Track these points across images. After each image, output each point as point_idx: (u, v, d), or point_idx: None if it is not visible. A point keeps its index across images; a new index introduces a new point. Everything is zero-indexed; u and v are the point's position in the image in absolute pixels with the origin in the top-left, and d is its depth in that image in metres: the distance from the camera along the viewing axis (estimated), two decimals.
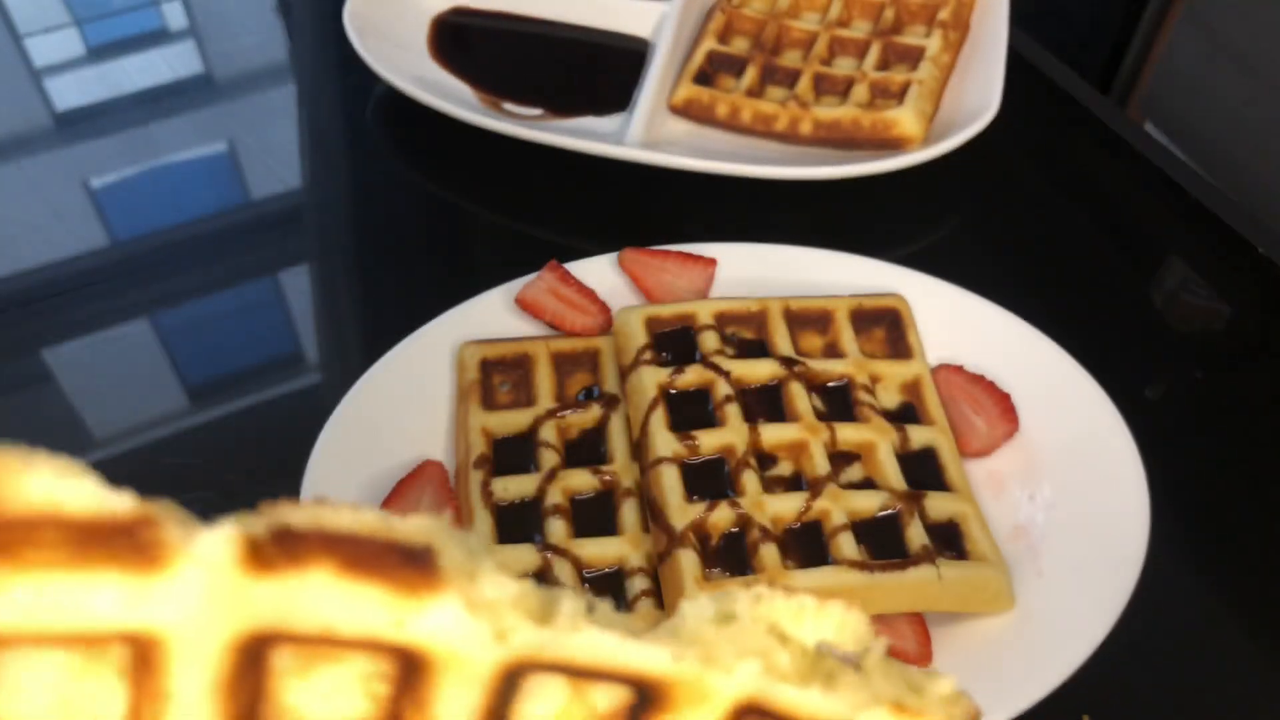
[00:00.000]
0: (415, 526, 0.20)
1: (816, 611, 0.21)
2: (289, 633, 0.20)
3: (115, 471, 0.62)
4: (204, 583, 0.19)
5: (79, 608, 0.18)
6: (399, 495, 0.56)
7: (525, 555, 0.54)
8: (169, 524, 0.19)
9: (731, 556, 0.54)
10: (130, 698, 0.20)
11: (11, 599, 0.18)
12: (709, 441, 0.57)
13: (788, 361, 0.60)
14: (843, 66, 0.83)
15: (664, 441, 0.56)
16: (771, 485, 0.57)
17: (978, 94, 0.79)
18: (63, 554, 0.18)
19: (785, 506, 0.55)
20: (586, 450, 0.59)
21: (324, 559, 0.19)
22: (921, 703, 0.21)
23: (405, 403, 0.60)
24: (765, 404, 0.59)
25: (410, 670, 0.20)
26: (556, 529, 0.55)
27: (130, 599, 0.19)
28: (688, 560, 0.52)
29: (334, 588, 0.19)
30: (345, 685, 0.21)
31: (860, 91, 0.79)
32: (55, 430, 0.67)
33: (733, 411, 0.58)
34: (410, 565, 0.19)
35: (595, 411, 0.60)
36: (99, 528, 0.18)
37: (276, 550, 0.19)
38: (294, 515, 0.19)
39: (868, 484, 0.57)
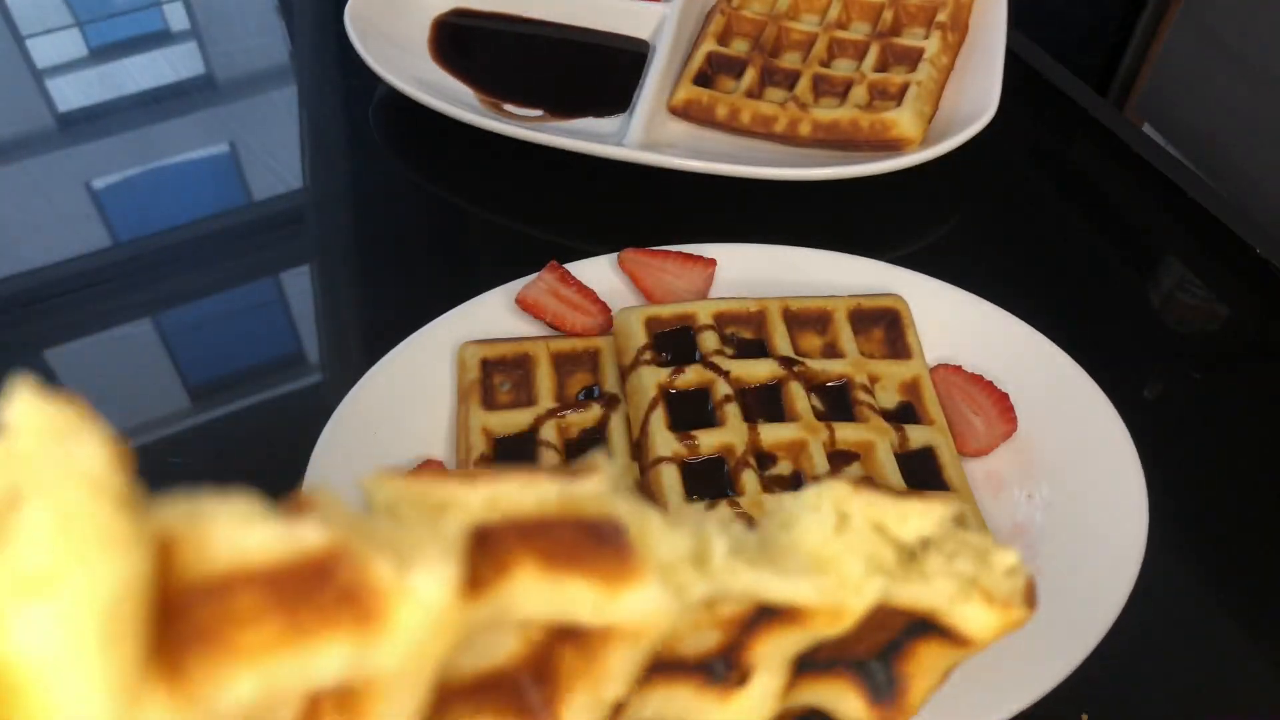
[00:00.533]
0: (594, 495, 0.19)
1: (921, 515, 0.23)
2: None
3: None
4: (426, 626, 0.17)
5: (298, 681, 0.17)
6: None
7: None
8: (370, 560, 0.17)
9: None
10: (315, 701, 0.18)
11: (233, 691, 0.16)
12: (708, 441, 0.57)
13: (787, 361, 0.61)
14: (841, 68, 0.83)
15: (664, 441, 0.57)
16: (771, 485, 0.57)
17: (976, 95, 0.79)
18: (274, 628, 0.16)
19: None
20: (587, 450, 0.60)
21: (525, 558, 0.18)
22: (993, 578, 0.23)
23: (406, 402, 0.61)
24: (764, 404, 0.60)
25: (581, 632, 0.20)
26: None
27: (352, 661, 0.17)
28: None
29: (539, 587, 0.19)
30: (505, 639, 0.21)
31: (859, 93, 0.80)
32: None
33: (732, 411, 0.58)
34: (607, 549, 0.19)
35: (595, 411, 0.60)
36: (296, 575, 0.16)
37: (483, 562, 0.18)
38: (473, 499, 0.18)
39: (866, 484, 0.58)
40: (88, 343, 0.73)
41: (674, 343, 0.61)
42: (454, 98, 0.81)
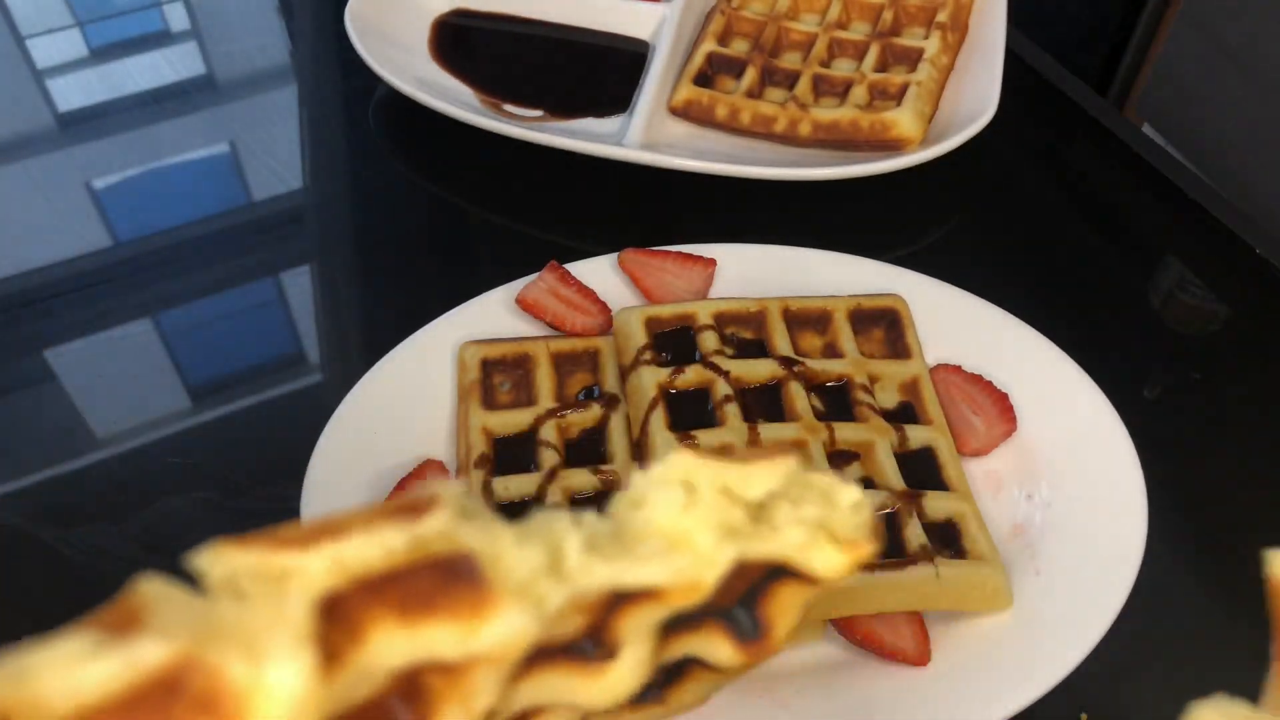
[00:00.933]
0: (440, 531, 0.19)
1: (765, 472, 0.24)
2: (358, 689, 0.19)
3: (118, 471, 0.62)
4: (288, 716, 0.17)
5: None
6: (400, 494, 0.56)
7: None
8: (219, 663, 0.16)
9: None
10: None
11: None
12: (708, 441, 0.57)
13: (787, 361, 0.61)
14: (841, 68, 0.83)
15: (664, 441, 0.57)
16: None
17: (976, 95, 0.79)
18: None
19: None
20: (587, 450, 0.60)
21: (380, 616, 0.18)
22: (839, 517, 0.24)
23: (406, 402, 0.61)
24: (764, 404, 0.60)
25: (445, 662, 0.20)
26: None
27: None
28: None
29: (398, 640, 0.19)
30: (370, 676, 0.20)
31: (859, 93, 0.80)
32: (56, 430, 0.67)
33: (732, 411, 0.58)
34: (460, 586, 0.19)
35: (595, 411, 0.60)
36: (146, 699, 0.16)
37: (337, 632, 0.18)
38: (315, 563, 0.18)
39: (866, 483, 0.58)
40: (88, 343, 0.73)
41: (674, 343, 0.61)
42: (454, 98, 0.81)
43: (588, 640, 0.23)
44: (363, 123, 0.87)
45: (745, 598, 0.25)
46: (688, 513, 0.23)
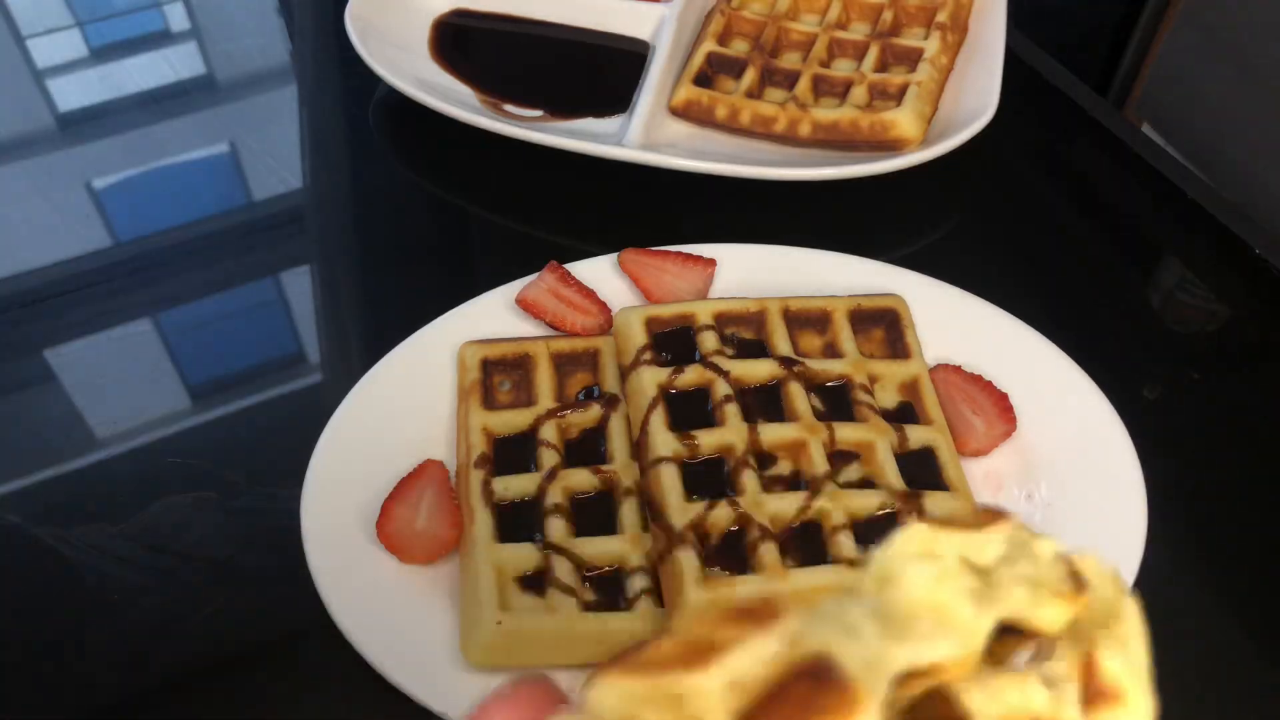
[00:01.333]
0: (793, 633, 0.20)
1: (995, 538, 0.24)
2: None
3: (118, 471, 0.62)
4: None
5: None
6: (400, 494, 0.56)
7: (525, 554, 0.54)
8: None
9: (731, 555, 0.54)
10: None
11: None
12: (708, 441, 0.57)
13: (787, 361, 0.61)
14: (841, 68, 0.83)
15: (663, 441, 0.57)
16: (770, 484, 0.57)
17: (976, 95, 0.79)
18: None
19: (784, 506, 0.55)
20: (587, 449, 0.60)
21: None
22: (1047, 571, 0.24)
23: (406, 402, 0.61)
24: (764, 404, 0.60)
25: None
26: (557, 528, 0.55)
27: None
28: (687, 559, 0.52)
29: None
30: None
31: (859, 93, 0.80)
32: (56, 430, 0.67)
33: (732, 411, 0.58)
34: (831, 689, 0.20)
35: (595, 411, 0.60)
36: None
37: None
38: (710, 683, 0.19)
39: (866, 483, 0.58)
40: (88, 343, 0.73)
41: (674, 343, 0.61)
42: (454, 98, 0.81)
43: None
44: (363, 123, 0.87)
45: None
46: (941, 585, 0.23)
